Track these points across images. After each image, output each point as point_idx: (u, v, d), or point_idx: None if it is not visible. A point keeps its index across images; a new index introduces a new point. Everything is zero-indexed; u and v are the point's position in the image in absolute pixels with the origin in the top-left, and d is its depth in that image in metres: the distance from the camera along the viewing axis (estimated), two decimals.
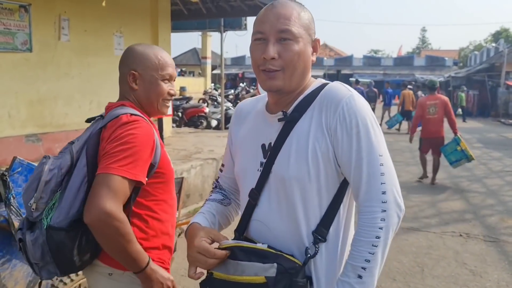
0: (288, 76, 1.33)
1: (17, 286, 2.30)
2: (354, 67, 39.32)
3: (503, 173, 9.21)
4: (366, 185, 1.28)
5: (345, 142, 1.29)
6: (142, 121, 1.64)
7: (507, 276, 4.14)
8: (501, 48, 29.37)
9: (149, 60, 1.74)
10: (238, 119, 1.58)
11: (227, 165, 1.62)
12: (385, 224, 1.25)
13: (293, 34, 1.30)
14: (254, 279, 1.25)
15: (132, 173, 1.53)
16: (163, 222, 1.74)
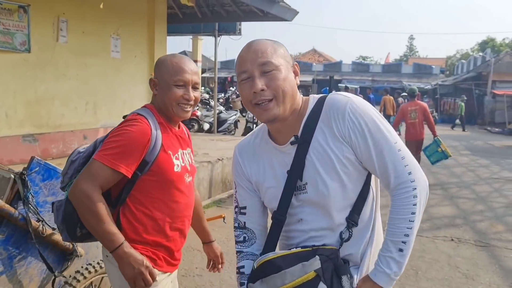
0: (281, 102, 1.44)
1: (31, 283, 2.34)
2: (343, 73, 39.63)
3: (491, 180, 9.42)
4: (393, 172, 1.43)
5: (361, 143, 1.44)
6: (141, 120, 1.77)
7: (498, 279, 4.27)
8: (487, 57, 29.96)
9: (164, 67, 1.86)
10: (243, 158, 1.65)
11: (250, 204, 1.63)
12: (418, 200, 1.42)
13: (274, 64, 1.43)
14: (306, 277, 1.37)
15: (112, 162, 1.69)
16: (156, 220, 1.81)
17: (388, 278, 1.43)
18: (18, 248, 2.27)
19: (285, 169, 1.53)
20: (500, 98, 24.36)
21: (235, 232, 1.66)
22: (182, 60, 1.88)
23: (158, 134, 1.79)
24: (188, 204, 1.93)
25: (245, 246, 1.61)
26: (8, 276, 2.24)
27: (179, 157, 1.87)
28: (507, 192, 8.25)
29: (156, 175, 1.78)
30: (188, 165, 1.93)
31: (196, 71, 1.89)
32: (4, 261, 2.21)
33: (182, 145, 1.94)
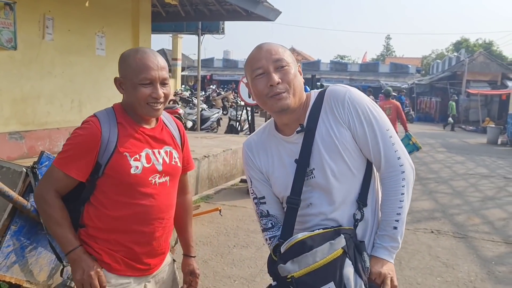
0: (292, 94, 1.60)
1: (41, 272, 2.43)
2: (322, 72, 39.95)
3: (467, 175, 9.77)
4: (384, 156, 1.61)
5: (359, 128, 1.61)
6: (92, 122, 1.72)
7: (476, 267, 4.51)
8: (462, 57, 30.73)
9: (128, 65, 1.75)
10: (253, 153, 1.78)
11: (267, 193, 1.76)
12: (406, 182, 1.61)
13: (286, 61, 1.60)
14: (335, 254, 1.50)
15: (64, 166, 1.70)
16: (118, 220, 1.75)
17: (387, 251, 1.63)
18: (30, 238, 2.36)
19: (292, 158, 1.67)
20: (474, 97, 25.07)
21: (262, 221, 1.77)
22: (146, 55, 1.74)
23: (112, 136, 1.72)
24: (158, 207, 1.79)
25: (275, 231, 1.73)
26: (20, 266, 2.32)
27: (140, 158, 1.75)
28: (482, 187, 8.59)
29: (112, 178, 1.72)
30: (160, 165, 1.80)
31: (163, 65, 1.76)
32: (16, 251, 2.30)
33: (153, 145, 1.81)
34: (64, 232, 1.70)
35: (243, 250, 4.68)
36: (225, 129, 13.02)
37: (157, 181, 1.79)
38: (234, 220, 5.68)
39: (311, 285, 1.49)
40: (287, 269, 1.51)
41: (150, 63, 1.72)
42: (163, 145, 1.85)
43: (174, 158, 1.87)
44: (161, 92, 1.74)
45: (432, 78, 32.28)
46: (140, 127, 1.79)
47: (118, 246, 1.76)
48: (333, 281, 1.48)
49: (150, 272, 1.85)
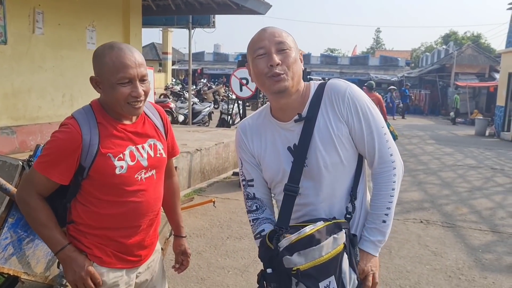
0: (291, 77, 1.60)
1: (38, 264, 2.47)
2: (312, 65, 40.04)
3: (455, 167, 9.92)
4: (378, 152, 1.67)
5: (356, 123, 1.65)
6: (70, 126, 1.66)
7: (464, 255, 4.62)
8: (450, 50, 30.95)
9: (104, 64, 1.66)
10: (246, 135, 1.81)
11: (255, 177, 1.80)
12: (396, 179, 1.68)
13: (288, 44, 1.62)
14: (338, 249, 1.54)
15: (46, 170, 1.66)
16: (106, 217, 1.74)
17: (374, 245, 1.68)
18: (27, 231, 2.39)
19: (286, 145, 1.70)
20: (463, 89, 25.29)
21: (247, 203, 1.82)
22: (122, 53, 1.66)
23: (94, 138, 1.67)
24: (147, 202, 1.79)
25: (259, 213, 1.79)
26: (17, 258, 2.36)
27: (124, 157, 1.72)
28: (470, 178, 8.74)
29: (97, 180, 1.70)
30: (145, 160, 1.78)
31: (141, 62, 1.69)
32: (14, 244, 2.33)
33: (136, 140, 1.77)
34: (51, 232, 1.69)
35: (236, 241, 4.74)
36: (216, 123, 13.04)
37: (143, 177, 1.77)
38: (227, 212, 5.75)
39: (315, 278, 1.51)
40: (293, 262, 1.51)
41: (127, 61, 1.64)
42: (147, 138, 1.81)
43: (159, 150, 1.85)
44: (141, 90, 1.68)
45: (421, 71, 32.49)
46: (121, 124, 1.74)
47: (108, 241, 1.76)
48: (334, 275, 1.52)
49: (141, 263, 1.87)
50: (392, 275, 4.07)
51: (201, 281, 3.82)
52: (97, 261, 1.74)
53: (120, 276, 1.80)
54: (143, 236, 1.83)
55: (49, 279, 2.61)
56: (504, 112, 16.78)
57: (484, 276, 4.12)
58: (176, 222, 2.12)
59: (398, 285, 3.87)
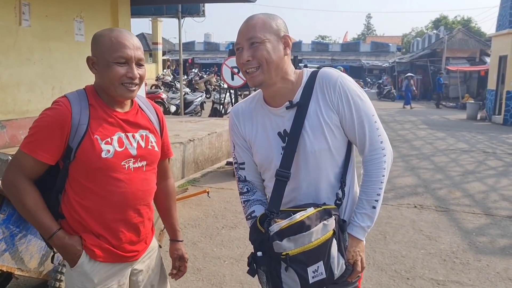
0: (266, 70, 1.62)
1: (32, 259, 2.45)
2: (303, 53, 39.98)
3: (448, 151, 9.97)
4: (369, 139, 1.69)
5: (347, 112, 1.67)
6: (62, 103, 1.65)
7: (458, 239, 4.65)
8: (441, 35, 30.98)
9: (102, 43, 1.67)
10: (239, 119, 1.83)
11: (247, 160, 1.82)
12: (386, 165, 1.71)
13: (259, 37, 1.61)
14: (327, 236, 1.58)
15: (32, 149, 1.62)
16: (90, 210, 1.70)
17: (363, 231, 1.72)
18: (19, 226, 2.36)
19: (276, 131, 1.72)
20: (454, 74, 25.35)
21: (239, 185, 1.86)
22: (122, 34, 1.69)
23: (83, 118, 1.65)
24: (133, 193, 1.74)
25: (250, 195, 1.82)
26: (10, 254, 2.33)
27: (112, 142, 1.69)
28: (463, 162, 8.79)
29: (82, 162, 1.66)
30: (135, 149, 1.74)
31: (139, 46, 1.71)
32: (6, 239, 2.31)
33: (126, 128, 1.75)
34: (40, 218, 1.65)
35: (231, 231, 4.74)
36: (209, 113, 12.99)
37: (131, 166, 1.73)
38: (221, 202, 5.74)
39: (304, 263, 1.55)
40: (283, 247, 1.54)
41: (126, 41, 1.67)
42: (138, 129, 1.79)
43: (151, 142, 1.81)
44: (136, 73, 1.68)
45: (412, 56, 32.51)
46: (113, 111, 1.73)
47: (98, 235, 1.72)
48: (323, 260, 1.57)
49: (135, 258, 1.82)
50: (388, 260, 4.09)
51: (197, 272, 3.82)
52: (90, 254, 1.70)
53: (113, 271, 1.76)
54: (135, 231, 1.78)
55: (43, 274, 2.59)
56: (495, 96, 16.83)
57: (478, 259, 4.16)
58: (172, 226, 2.05)
59: (393, 270, 3.89)
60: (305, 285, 1.56)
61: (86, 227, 1.70)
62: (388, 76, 34.54)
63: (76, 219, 1.70)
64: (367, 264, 3.97)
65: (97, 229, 1.71)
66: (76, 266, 1.70)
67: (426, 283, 3.68)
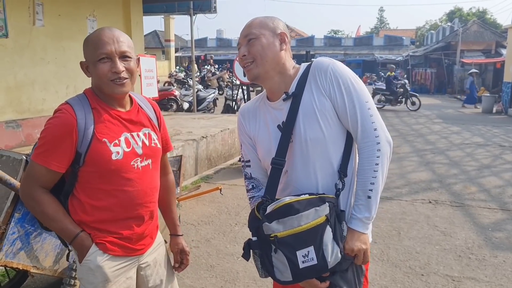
0: (260, 64, 1.69)
1: (47, 257, 2.48)
2: (316, 48, 39.77)
3: (463, 145, 9.84)
4: (361, 126, 1.65)
5: (339, 98, 1.66)
6: (65, 110, 1.65)
7: (473, 234, 4.60)
8: (456, 27, 30.54)
9: (86, 46, 1.69)
10: (244, 118, 1.89)
11: (252, 158, 1.86)
12: (381, 153, 1.64)
13: (254, 34, 1.69)
14: (319, 221, 1.56)
15: (43, 159, 1.63)
16: (102, 210, 1.72)
17: (361, 223, 1.66)
18: (34, 225, 2.39)
19: (275, 124, 1.74)
20: (469, 66, 24.97)
21: (245, 182, 1.89)
22: (102, 31, 1.68)
23: (89, 122, 1.66)
24: (143, 191, 1.78)
25: (255, 192, 1.84)
26: (26, 252, 2.36)
27: (120, 143, 1.71)
28: (478, 156, 8.67)
29: (93, 166, 1.67)
30: (140, 148, 1.77)
31: (121, 39, 1.68)
32: (21, 238, 2.34)
33: (130, 128, 1.77)
34: (60, 224, 1.68)
35: (244, 228, 4.74)
36: (221, 109, 13.00)
37: (139, 165, 1.76)
38: (234, 198, 5.75)
39: (292, 246, 1.56)
40: (271, 228, 1.58)
41: (104, 37, 1.65)
42: (141, 127, 1.81)
43: (154, 140, 1.84)
44: (120, 66, 1.66)
45: (426, 49, 32.13)
46: (115, 111, 1.74)
47: (107, 234, 1.74)
48: (313, 245, 1.56)
49: (142, 252, 1.85)
50: (402, 256, 4.06)
51: (210, 268, 3.83)
52: (101, 247, 1.73)
53: (122, 266, 1.79)
54: (145, 227, 1.82)
55: (58, 272, 2.62)
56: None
57: (494, 255, 4.10)
58: (172, 221, 2.08)
59: (408, 266, 3.86)
60: (295, 270, 1.57)
61: (96, 226, 1.73)
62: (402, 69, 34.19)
63: (86, 221, 1.72)
64: (381, 260, 3.96)
65: (107, 226, 1.74)
66: (86, 260, 1.72)
67: (441, 279, 3.65)
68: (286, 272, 1.59)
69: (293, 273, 1.58)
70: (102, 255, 1.73)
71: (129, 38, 1.74)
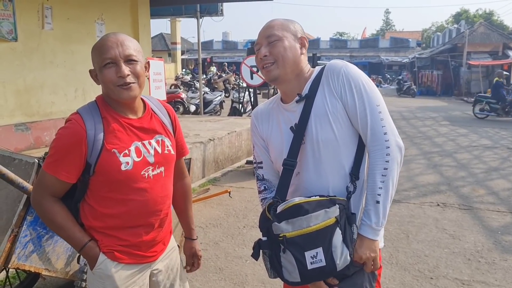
0: (281, 65, 1.69)
1: (59, 260, 2.50)
2: (322, 50, 39.73)
3: (471, 148, 9.80)
4: (371, 130, 1.65)
5: (350, 100, 1.66)
6: (75, 121, 1.65)
7: (482, 238, 4.57)
8: (462, 29, 30.44)
9: (93, 53, 1.68)
10: (258, 120, 1.90)
11: (265, 159, 1.87)
12: (390, 158, 1.63)
13: (277, 35, 1.70)
14: (328, 222, 1.56)
15: (54, 169, 1.64)
16: (112, 218, 1.72)
17: (370, 229, 1.65)
18: (45, 228, 2.41)
19: (288, 125, 1.74)
20: (475, 68, 24.86)
21: (257, 184, 1.90)
22: (107, 36, 1.67)
23: (98, 133, 1.64)
24: (154, 200, 1.76)
25: (267, 193, 1.84)
26: (38, 254, 2.38)
27: (130, 153, 1.68)
28: (486, 159, 8.63)
29: (102, 176, 1.67)
30: (152, 157, 1.74)
31: (126, 42, 1.66)
32: (33, 241, 2.36)
33: (142, 136, 1.74)
34: (69, 233, 1.69)
35: (252, 230, 4.75)
36: (228, 112, 13.03)
37: (150, 174, 1.74)
38: (242, 201, 5.76)
39: (301, 247, 1.56)
40: (280, 228, 1.58)
41: (108, 42, 1.63)
42: (154, 134, 1.78)
43: (167, 147, 1.81)
44: (125, 70, 1.62)
45: (432, 51, 31.99)
46: (127, 119, 1.71)
47: (117, 241, 1.74)
48: (322, 247, 1.56)
49: (153, 259, 1.84)
50: (411, 259, 4.05)
51: (219, 271, 3.84)
52: (110, 256, 1.72)
53: (133, 273, 1.78)
54: (154, 235, 1.81)
55: (69, 275, 2.64)
56: None
57: (504, 259, 4.08)
58: (187, 225, 2.09)
59: (416, 270, 3.85)
60: (304, 271, 1.57)
61: (106, 233, 1.73)
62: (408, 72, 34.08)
63: (96, 227, 1.73)
64: (390, 263, 3.95)
65: (116, 233, 1.74)
66: (97, 269, 1.72)
67: (451, 283, 3.63)
68: (294, 273, 1.59)
69: (301, 274, 1.59)
70: (113, 264, 1.73)
71: (135, 42, 1.72)
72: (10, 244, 2.35)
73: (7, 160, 2.56)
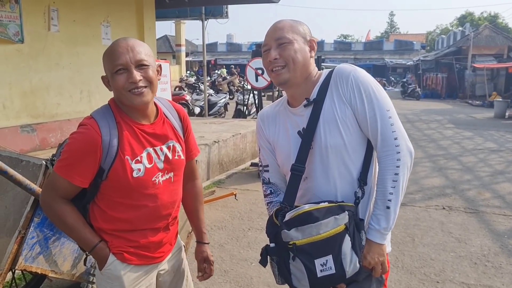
0: (291, 69, 1.66)
1: (65, 262, 2.50)
2: (326, 52, 39.71)
3: (476, 151, 9.76)
4: (381, 135, 1.63)
5: (359, 105, 1.64)
6: (91, 125, 1.63)
7: (488, 241, 4.55)
8: (467, 32, 30.32)
9: (104, 60, 1.68)
10: (264, 123, 1.88)
11: (271, 162, 1.86)
12: (401, 163, 1.62)
13: (287, 38, 1.67)
14: (338, 229, 1.56)
15: (67, 173, 1.63)
16: (121, 221, 1.73)
17: (379, 234, 1.65)
18: (52, 230, 2.42)
19: (296, 130, 1.74)
20: (480, 71, 24.80)
21: (263, 187, 1.89)
22: (117, 42, 1.66)
23: (113, 139, 1.64)
24: (163, 205, 1.77)
25: (273, 197, 1.84)
26: (44, 256, 2.39)
27: (142, 160, 1.69)
28: (492, 162, 8.59)
29: (114, 181, 1.67)
30: (162, 163, 1.75)
31: (137, 47, 1.64)
32: (40, 243, 2.36)
33: (154, 143, 1.74)
34: (81, 233, 1.69)
35: (257, 232, 4.74)
36: (232, 114, 13.03)
37: (160, 180, 1.74)
38: (247, 203, 5.75)
39: (310, 255, 1.56)
40: (290, 236, 1.57)
41: (118, 48, 1.63)
42: (166, 140, 1.78)
43: (178, 152, 1.81)
44: (137, 76, 1.62)
45: (437, 54, 31.94)
46: (140, 125, 1.72)
47: (126, 242, 1.75)
48: (332, 254, 1.55)
49: (161, 259, 1.85)
50: (416, 263, 4.03)
51: (224, 274, 3.84)
52: (119, 257, 1.73)
53: (141, 274, 1.79)
54: (162, 236, 1.82)
55: (76, 276, 2.65)
56: None
57: (511, 263, 4.05)
58: (198, 228, 2.06)
59: (422, 273, 3.83)
60: (313, 279, 1.56)
61: (114, 235, 1.74)
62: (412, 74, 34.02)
63: (104, 229, 1.73)
64: (396, 267, 3.93)
65: (125, 235, 1.75)
66: (106, 269, 1.73)
67: (457, 286, 3.62)
68: (303, 280, 1.59)
69: (310, 282, 1.58)
70: (122, 265, 1.74)
71: (146, 46, 1.71)
72: (17, 245, 2.35)
73: (15, 162, 2.56)
